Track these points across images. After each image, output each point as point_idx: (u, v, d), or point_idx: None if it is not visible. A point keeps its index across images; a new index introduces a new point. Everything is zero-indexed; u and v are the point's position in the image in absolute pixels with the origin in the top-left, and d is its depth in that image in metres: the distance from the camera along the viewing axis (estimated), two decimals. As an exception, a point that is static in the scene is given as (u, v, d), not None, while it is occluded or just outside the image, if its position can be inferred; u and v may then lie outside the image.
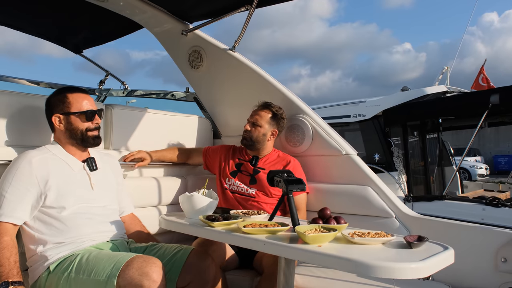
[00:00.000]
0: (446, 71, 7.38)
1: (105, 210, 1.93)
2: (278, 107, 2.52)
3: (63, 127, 1.91)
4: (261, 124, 2.46)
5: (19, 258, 1.68)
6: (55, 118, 1.91)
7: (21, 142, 2.06)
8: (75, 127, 1.90)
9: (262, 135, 2.47)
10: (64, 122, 1.90)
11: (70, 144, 1.93)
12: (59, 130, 1.92)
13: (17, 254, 1.68)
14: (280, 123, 2.51)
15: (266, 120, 2.47)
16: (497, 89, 4.97)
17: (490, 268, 2.02)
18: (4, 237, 1.67)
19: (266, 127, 2.47)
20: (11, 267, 1.63)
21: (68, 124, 1.90)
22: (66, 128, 1.91)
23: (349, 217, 1.75)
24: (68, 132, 1.91)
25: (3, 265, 1.62)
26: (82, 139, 1.92)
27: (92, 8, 2.81)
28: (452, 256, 1.38)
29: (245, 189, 2.43)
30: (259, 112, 2.49)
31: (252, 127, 2.47)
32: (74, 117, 1.90)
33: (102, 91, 4.14)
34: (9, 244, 1.67)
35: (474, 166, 17.27)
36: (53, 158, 1.86)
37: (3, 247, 1.65)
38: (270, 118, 2.47)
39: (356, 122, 6.64)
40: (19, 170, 1.76)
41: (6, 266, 1.62)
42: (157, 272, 1.55)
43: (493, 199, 2.24)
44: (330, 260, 1.28)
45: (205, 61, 2.91)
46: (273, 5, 2.66)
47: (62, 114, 1.90)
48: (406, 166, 5.89)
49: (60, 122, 1.91)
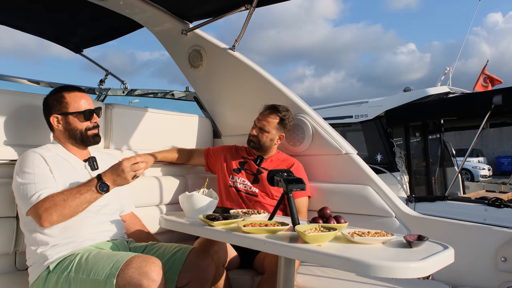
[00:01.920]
0: (448, 71, 7.37)
1: (106, 210, 1.93)
2: (285, 109, 2.48)
3: (62, 127, 1.91)
4: (268, 130, 2.44)
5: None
6: (53, 119, 1.90)
7: (21, 141, 2.06)
8: (74, 127, 1.90)
9: (269, 140, 2.46)
10: (63, 122, 1.90)
11: (70, 143, 1.93)
12: (58, 130, 1.92)
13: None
14: (287, 127, 2.50)
15: (273, 126, 2.44)
16: (500, 89, 4.96)
17: (490, 267, 2.01)
18: (54, 197, 1.69)
19: (273, 132, 2.45)
20: (79, 187, 1.73)
21: (67, 124, 1.90)
22: (65, 128, 1.91)
23: (349, 216, 1.75)
24: (67, 132, 1.91)
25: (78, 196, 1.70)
26: (82, 139, 1.92)
27: (92, 7, 2.81)
28: (452, 255, 1.38)
29: (249, 187, 2.43)
30: (266, 118, 2.45)
31: (259, 133, 2.45)
32: (72, 117, 1.90)
33: (102, 90, 4.15)
34: (58, 193, 1.71)
35: (477, 167, 17.25)
36: (55, 157, 1.86)
37: (62, 199, 1.69)
38: (278, 124, 2.45)
39: (358, 123, 6.63)
40: (36, 159, 1.78)
41: (80, 190, 1.71)
42: (157, 272, 1.55)
43: (495, 200, 2.23)
44: (330, 259, 1.28)
45: (205, 60, 2.91)
46: (278, 7, 2.66)
47: (60, 115, 1.90)
48: (408, 167, 5.87)
49: (58, 122, 1.90)
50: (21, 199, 1.73)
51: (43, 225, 1.69)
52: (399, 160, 5.93)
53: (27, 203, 1.70)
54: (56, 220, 1.69)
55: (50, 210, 1.67)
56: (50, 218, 1.67)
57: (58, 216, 1.68)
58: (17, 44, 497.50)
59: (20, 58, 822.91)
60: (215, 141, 3.15)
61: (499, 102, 4.55)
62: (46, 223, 1.68)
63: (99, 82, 4.10)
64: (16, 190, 1.76)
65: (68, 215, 1.70)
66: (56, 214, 1.67)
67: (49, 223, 1.69)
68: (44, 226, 1.69)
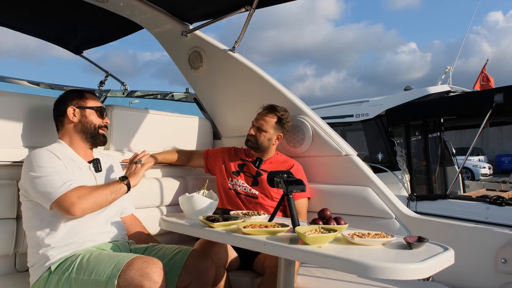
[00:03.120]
0: (449, 70, 7.36)
1: (107, 211, 1.93)
2: (283, 110, 2.49)
3: (77, 119, 1.94)
4: (266, 130, 2.44)
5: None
6: (70, 110, 1.94)
7: (20, 143, 2.07)
8: (89, 121, 1.96)
9: (267, 140, 2.46)
10: (79, 115, 1.95)
11: (79, 138, 1.95)
12: (70, 124, 1.94)
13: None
14: (285, 127, 2.50)
15: (271, 125, 2.45)
16: (501, 88, 4.94)
17: (490, 268, 2.02)
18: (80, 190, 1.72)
19: (271, 132, 2.45)
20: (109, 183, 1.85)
21: (83, 117, 1.95)
22: (80, 121, 1.95)
23: (349, 217, 1.75)
24: (80, 125, 1.94)
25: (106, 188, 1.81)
26: (93, 135, 1.96)
27: (92, 9, 2.80)
28: (452, 256, 1.38)
29: (249, 189, 2.43)
30: (264, 118, 2.46)
31: (257, 132, 2.45)
32: (90, 111, 1.97)
33: (102, 91, 4.15)
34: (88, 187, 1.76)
35: (478, 165, 17.24)
36: (63, 156, 1.86)
37: (93, 189, 1.76)
38: (276, 123, 2.46)
39: (359, 122, 6.62)
40: (49, 156, 1.80)
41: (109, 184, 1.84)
42: (158, 273, 1.56)
43: (497, 198, 2.23)
44: (330, 260, 1.28)
45: (205, 61, 2.91)
46: (281, 8, 2.66)
47: (78, 108, 1.95)
48: (409, 166, 5.87)
49: (74, 114, 1.94)
50: (45, 191, 1.70)
51: (75, 213, 1.69)
52: (400, 159, 5.93)
53: (56, 193, 1.69)
54: (89, 208, 1.73)
55: (86, 197, 1.71)
56: (84, 205, 1.70)
57: (92, 204, 1.73)
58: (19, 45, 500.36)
59: (23, 60, 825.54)
60: (215, 143, 3.15)
61: (501, 101, 4.54)
62: (79, 210, 1.70)
63: (99, 83, 4.11)
64: (32, 184, 1.73)
65: (100, 204, 1.77)
66: (90, 201, 1.72)
67: (82, 211, 1.71)
68: (76, 214, 1.70)
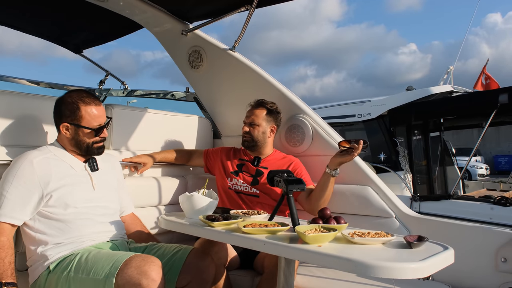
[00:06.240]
0: (450, 71, 7.34)
1: (106, 210, 1.93)
2: (271, 102, 2.50)
3: (70, 136, 1.88)
4: (258, 123, 2.45)
5: (19, 258, 1.67)
6: (63, 127, 1.87)
7: (20, 142, 2.06)
8: (82, 140, 1.88)
9: (262, 134, 2.46)
10: (72, 132, 1.87)
11: (73, 150, 1.92)
12: (65, 137, 1.90)
13: (12, 255, 1.68)
14: (277, 118, 2.50)
15: (262, 118, 2.45)
16: (506, 88, 4.93)
17: (490, 268, 2.02)
18: (0, 237, 1.67)
19: (264, 124, 2.46)
20: (6, 268, 1.63)
21: (76, 135, 1.88)
22: (73, 138, 1.88)
23: (349, 217, 1.75)
24: (73, 141, 1.89)
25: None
26: (87, 150, 1.91)
27: (92, 8, 2.81)
28: (452, 256, 1.37)
29: (249, 188, 2.43)
30: (254, 111, 2.48)
31: (250, 128, 2.46)
32: (83, 131, 1.87)
33: (102, 91, 4.15)
34: (5, 245, 1.67)
35: (475, 166, 17.26)
36: (55, 158, 1.85)
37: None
38: (266, 115, 2.46)
39: (361, 122, 6.60)
40: (20, 171, 1.75)
41: (0, 267, 1.62)
42: (156, 271, 1.56)
43: (501, 198, 2.22)
44: (330, 260, 1.28)
45: (205, 61, 2.90)
46: (283, 8, 2.66)
47: (72, 124, 1.87)
48: (411, 166, 5.86)
49: (67, 130, 1.88)
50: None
51: None
52: (402, 159, 5.92)
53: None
54: None
55: None
56: None
57: None
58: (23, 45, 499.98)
59: (27, 59, 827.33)
60: (215, 142, 3.15)
61: (505, 101, 4.54)
62: None
63: (99, 82, 4.11)
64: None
65: None
66: None
67: None
68: None
